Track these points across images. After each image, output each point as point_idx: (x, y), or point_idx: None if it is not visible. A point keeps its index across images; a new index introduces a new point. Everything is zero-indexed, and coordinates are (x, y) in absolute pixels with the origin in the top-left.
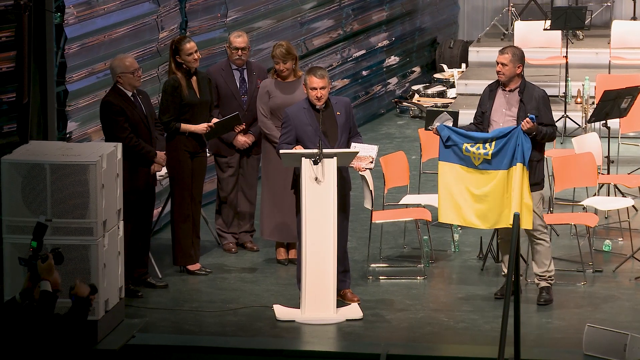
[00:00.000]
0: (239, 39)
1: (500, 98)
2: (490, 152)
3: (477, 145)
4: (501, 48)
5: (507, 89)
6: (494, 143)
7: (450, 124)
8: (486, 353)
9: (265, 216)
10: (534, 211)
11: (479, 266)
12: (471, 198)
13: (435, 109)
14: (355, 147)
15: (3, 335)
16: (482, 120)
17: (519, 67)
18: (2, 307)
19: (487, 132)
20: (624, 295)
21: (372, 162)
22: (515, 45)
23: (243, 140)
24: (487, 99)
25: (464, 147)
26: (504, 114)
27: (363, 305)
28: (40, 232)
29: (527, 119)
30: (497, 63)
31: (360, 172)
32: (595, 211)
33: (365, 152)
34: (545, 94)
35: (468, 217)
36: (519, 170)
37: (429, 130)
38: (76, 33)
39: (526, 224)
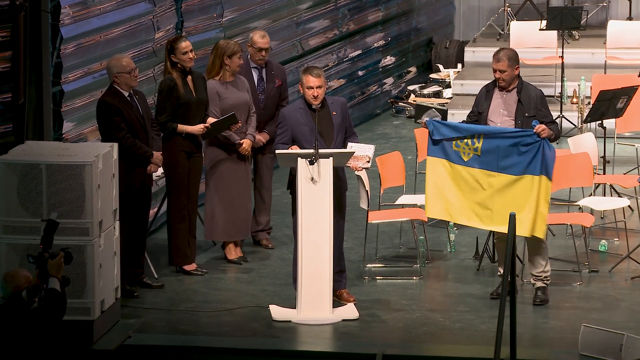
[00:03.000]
0: (263, 40)
1: (497, 98)
2: (479, 148)
3: (466, 140)
4: (494, 53)
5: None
6: (482, 138)
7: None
8: (482, 353)
9: (213, 217)
10: None
11: (475, 266)
12: (460, 194)
13: (424, 104)
14: (351, 146)
15: (4, 332)
16: (477, 119)
17: (516, 69)
18: (7, 303)
19: None
20: (620, 295)
21: (368, 162)
22: (510, 46)
23: (258, 138)
24: (483, 99)
25: (454, 142)
26: (502, 115)
27: (359, 306)
28: (52, 229)
29: (538, 126)
30: (495, 70)
31: (356, 172)
32: (591, 211)
33: (361, 151)
34: (542, 93)
35: (454, 213)
36: (543, 182)
37: (419, 122)
38: (72, 33)
39: (539, 232)
